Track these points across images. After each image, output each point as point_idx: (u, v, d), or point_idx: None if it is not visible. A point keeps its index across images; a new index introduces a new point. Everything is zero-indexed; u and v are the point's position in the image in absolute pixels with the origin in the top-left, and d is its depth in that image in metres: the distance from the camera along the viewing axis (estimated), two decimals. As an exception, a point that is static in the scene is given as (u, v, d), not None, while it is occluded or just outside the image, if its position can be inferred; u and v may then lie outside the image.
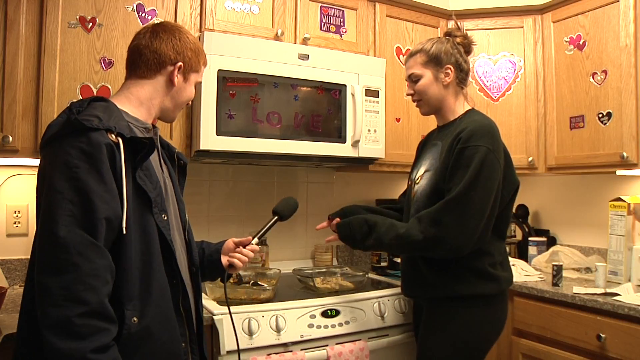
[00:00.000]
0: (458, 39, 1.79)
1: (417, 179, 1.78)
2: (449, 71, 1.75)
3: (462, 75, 1.78)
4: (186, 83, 1.33)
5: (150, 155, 1.18)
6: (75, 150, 1.06)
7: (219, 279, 1.65)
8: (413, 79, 1.79)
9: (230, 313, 1.50)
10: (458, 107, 1.79)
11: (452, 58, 1.75)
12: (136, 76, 1.28)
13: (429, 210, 1.61)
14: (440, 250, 1.60)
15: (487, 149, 1.59)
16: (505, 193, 1.68)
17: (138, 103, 1.27)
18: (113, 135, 1.11)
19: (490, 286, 1.67)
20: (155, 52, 1.27)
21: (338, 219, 1.84)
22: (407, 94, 1.83)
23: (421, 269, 1.73)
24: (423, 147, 1.93)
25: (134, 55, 1.29)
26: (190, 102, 1.39)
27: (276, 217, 1.60)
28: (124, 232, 1.08)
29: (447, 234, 1.56)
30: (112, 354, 1.02)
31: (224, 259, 1.50)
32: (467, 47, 1.81)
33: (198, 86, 1.41)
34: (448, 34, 1.82)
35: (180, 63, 1.29)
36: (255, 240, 1.53)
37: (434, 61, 1.75)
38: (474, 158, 1.58)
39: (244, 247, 1.51)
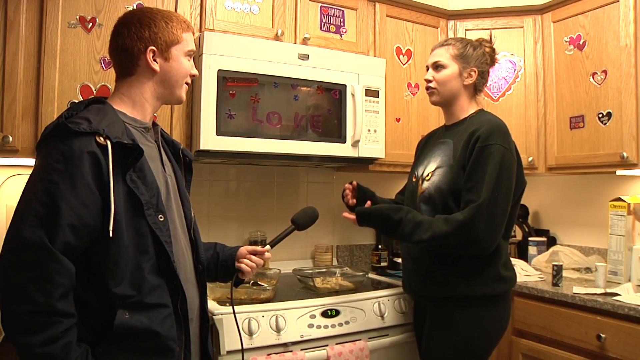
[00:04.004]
0: (487, 49, 1.83)
1: (427, 175, 1.78)
2: (473, 73, 1.78)
3: (482, 82, 1.83)
4: (171, 61, 1.28)
5: (139, 159, 1.17)
6: (57, 153, 1.08)
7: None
8: (436, 67, 1.81)
9: (234, 313, 1.51)
10: (469, 108, 1.81)
11: (479, 63, 1.79)
12: (122, 77, 1.28)
13: (457, 215, 1.61)
14: (470, 250, 1.64)
15: (505, 148, 1.64)
16: (516, 192, 1.70)
17: (131, 103, 1.27)
18: (101, 138, 1.11)
19: (498, 286, 1.69)
20: (123, 50, 1.25)
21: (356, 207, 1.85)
22: (425, 79, 1.84)
23: (428, 268, 1.73)
24: (425, 146, 1.93)
25: (112, 60, 1.30)
26: (194, 75, 1.34)
27: (293, 227, 1.59)
28: (111, 235, 1.09)
29: (479, 236, 1.59)
30: (61, 342, 1.04)
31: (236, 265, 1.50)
32: (492, 58, 1.85)
33: (193, 55, 1.35)
34: (479, 41, 1.84)
35: (150, 47, 1.24)
36: (268, 247, 1.53)
37: (464, 58, 1.78)
38: (495, 157, 1.62)
39: (255, 255, 1.50)
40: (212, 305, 1.73)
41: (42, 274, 1.03)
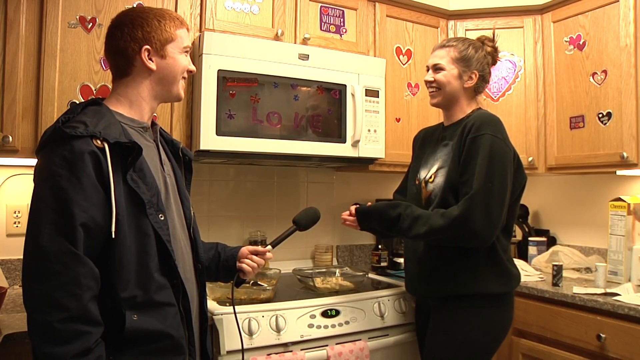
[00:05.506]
0: (488, 48, 1.81)
1: (430, 177, 1.78)
2: (473, 76, 1.77)
3: (483, 84, 1.81)
4: (167, 58, 1.27)
5: (138, 158, 1.17)
6: (59, 158, 1.08)
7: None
8: (436, 69, 1.80)
9: (235, 313, 1.51)
10: (468, 109, 1.80)
11: (480, 66, 1.78)
12: (118, 77, 1.28)
13: (452, 210, 1.61)
14: (468, 243, 1.63)
15: (496, 137, 1.63)
16: (517, 185, 1.70)
17: (129, 103, 1.26)
18: (98, 141, 1.11)
19: (504, 283, 1.69)
20: (118, 52, 1.25)
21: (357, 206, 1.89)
22: (426, 80, 1.83)
23: (433, 267, 1.73)
24: (424, 145, 1.92)
25: (107, 61, 1.31)
26: (192, 71, 1.34)
27: (294, 227, 1.59)
28: (113, 236, 1.09)
29: (476, 228, 1.57)
30: (93, 356, 1.04)
31: (238, 265, 1.50)
32: (494, 58, 1.83)
33: (190, 51, 1.34)
34: (482, 40, 1.83)
35: (145, 46, 1.24)
36: (269, 247, 1.54)
37: (464, 61, 1.77)
38: (485, 146, 1.61)
39: (257, 255, 1.50)
40: (212, 305, 1.73)
41: (70, 279, 1.03)
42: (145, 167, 1.20)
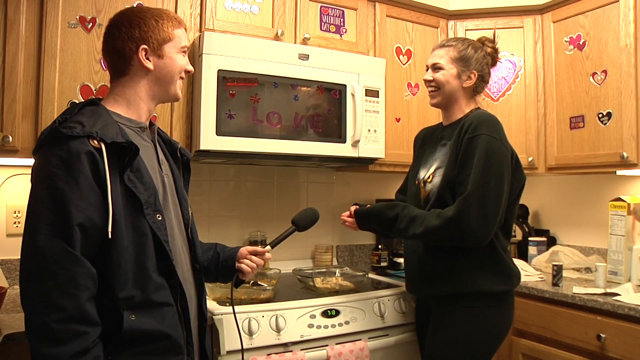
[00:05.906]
0: (488, 49, 1.81)
1: (429, 177, 1.79)
2: (472, 76, 1.77)
3: (482, 85, 1.82)
4: (164, 58, 1.27)
5: (135, 158, 1.17)
6: (55, 158, 1.08)
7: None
8: (435, 68, 1.80)
9: (234, 314, 1.51)
10: (467, 109, 1.80)
11: (479, 66, 1.78)
12: (116, 77, 1.28)
13: (447, 210, 1.61)
14: (464, 243, 1.63)
15: (493, 138, 1.63)
16: (516, 184, 1.70)
17: (126, 103, 1.26)
18: (95, 141, 1.11)
19: (504, 281, 1.69)
20: (116, 51, 1.25)
21: (357, 206, 1.91)
22: (426, 80, 1.83)
23: (434, 266, 1.73)
24: (424, 145, 1.93)
25: (105, 61, 1.31)
26: (189, 71, 1.34)
27: (293, 228, 1.60)
28: (110, 236, 1.09)
29: (470, 229, 1.58)
30: (91, 356, 1.04)
31: (237, 265, 1.50)
32: (494, 59, 1.84)
33: (188, 51, 1.34)
34: (482, 41, 1.83)
35: (142, 46, 1.24)
36: (268, 247, 1.54)
37: (463, 61, 1.77)
38: (481, 147, 1.61)
39: (256, 256, 1.50)
40: (212, 305, 1.73)
41: (67, 279, 1.03)
42: (142, 167, 1.20)
